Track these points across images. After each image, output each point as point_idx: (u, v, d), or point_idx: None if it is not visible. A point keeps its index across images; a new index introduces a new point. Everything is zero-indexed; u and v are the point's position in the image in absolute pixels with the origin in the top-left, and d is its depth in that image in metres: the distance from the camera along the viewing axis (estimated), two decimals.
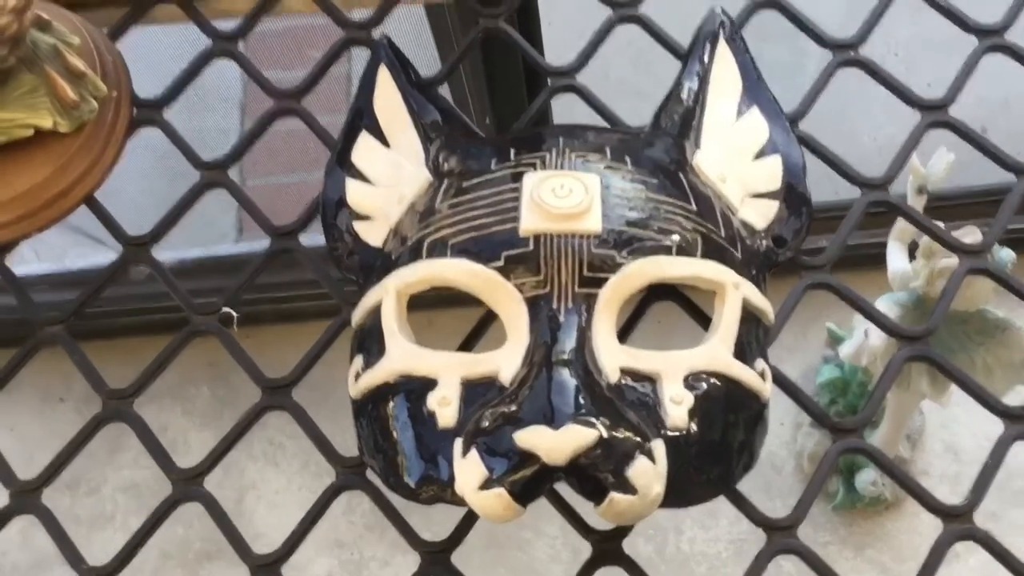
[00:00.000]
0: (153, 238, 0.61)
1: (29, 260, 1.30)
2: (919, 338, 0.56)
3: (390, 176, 0.58)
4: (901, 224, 1.00)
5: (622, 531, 0.52)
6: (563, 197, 0.49)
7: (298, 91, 0.65)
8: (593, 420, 0.43)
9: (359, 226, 0.58)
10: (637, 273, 0.49)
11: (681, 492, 0.47)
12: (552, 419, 0.43)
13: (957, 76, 0.63)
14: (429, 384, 0.48)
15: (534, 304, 0.48)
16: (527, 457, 0.43)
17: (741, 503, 0.52)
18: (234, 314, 0.59)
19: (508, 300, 0.48)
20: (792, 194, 0.58)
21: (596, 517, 0.52)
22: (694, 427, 0.47)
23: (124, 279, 1.16)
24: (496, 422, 0.44)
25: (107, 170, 0.63)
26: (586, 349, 0.47)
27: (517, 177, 0.52)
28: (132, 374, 0.57)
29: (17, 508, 0.55)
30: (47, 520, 0.54)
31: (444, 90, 0.65)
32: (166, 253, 1.23)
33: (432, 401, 0.48)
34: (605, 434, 0.43)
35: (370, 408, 0.50)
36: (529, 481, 0.43)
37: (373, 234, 0.57)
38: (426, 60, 0.83)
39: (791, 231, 0.57)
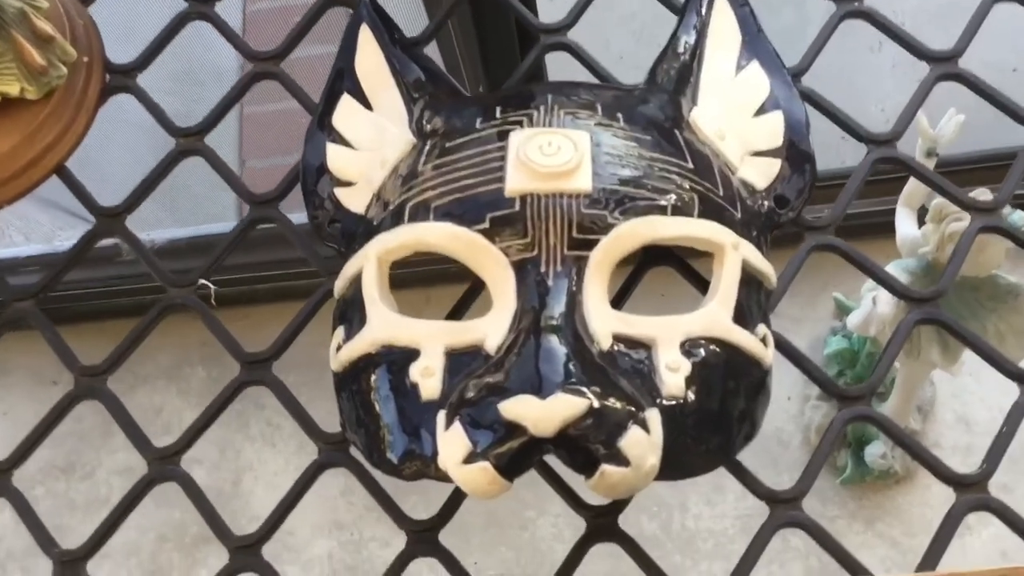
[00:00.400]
0: (127, 208, 0.59)
1: (19, 242, 1.28)
2: (929, 300, 0.53)
3: (373, 139, 0.55)
4: (910, 188, 0.97)
5: (618, 506, 0.49)
6: (551, 155, 0.47)
7: (277, 54, 0.62)
8: (583, 389, 0.41)
9: (341, 192, 0.55)
10: (630, 234, 0.46)
11: (678, 463, 0.44)
12: (540, 388, 0.41)
13: (966, 28, 0.60)
14: (412, 354, 0.46)
15: (521, 268, 0.45)
16: (513, 428, 0.40)
17: (743, 475, 0.50)
18: (211, 286, 0.56)
19: (493, 264, 0.46)
20: (794, 152, 0.55)
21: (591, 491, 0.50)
22: (691, 395, 0.44)
23: (117, 258, 1.16)
24: (481, 392, 0.42)
25: (79, 138, 0.60)
26: (576, 314, 0.44)
27: (503, 135, 0.49)
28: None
29: None
30: (17, 502, 0.52)
31: (434, 55, 0.62)
32: (159, 232, 1.21)
33: (415, 372, 0.45)
34: (596, 403, 0.40)
35: (351, 381, 0.48)
36: (516, 454, 0.41)
37: (355, 200, 0.54)
38: (418, 21, 0.80)
39: (794, 190, 0.54)
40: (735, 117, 0.55)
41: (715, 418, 0.45)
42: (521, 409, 0.40)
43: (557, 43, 0.61)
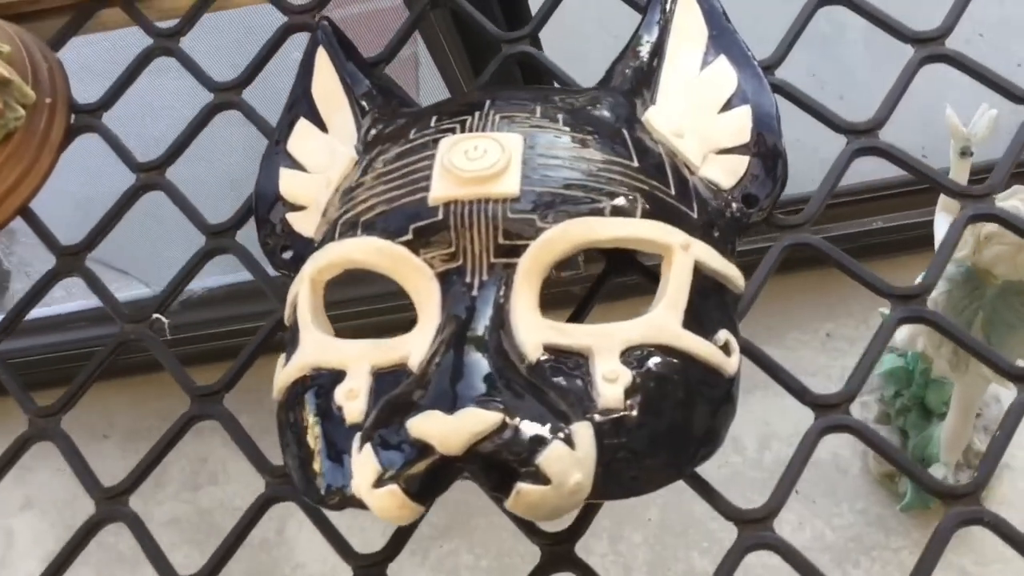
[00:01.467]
0: (87, 246, 0.58)
1: (62, 299, 1.30)
2: (914, 296, 0.49)
3: (324, 162, 0.54)
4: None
5: (576, 531, 0.46)
6: (476, 159, 0.44)
7: (237, 83, 0.61)
8: (497, 402, 0.38)
9: (292, 217, 0.54)
10: (560, 237, 0.43)
11: (620, 480, 0.41)
12: (452, 404, 0.38)
13: (951, 8, 0.56)
14: (339, 376, 0.43)
15: (446, 279, 0.43)
16: (423, 448, 0.37)
17: (709, 494, 0.46)
18: (164, 320, 0.55)
19: (417, 276, 0.43)
20: (763, 147, 0.51)
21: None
22: (632, 407, 0.41)
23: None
24: (392, 412, 0.39)
25: (42, 178, 0.60)
26: (503, 326, 0.41)
27: (434, 144, 0.47)
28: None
29: None
30: None
31: (435, 76, 0.61)
32: (197, 283, 1.22)
33: (339, 394, 0.43)
34: (510, 417, 0.37)
35: (286, 408, 0.46)
36: (427, 476, 0.38)
37: (306, 224, 0.53)
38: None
39: (763, 188, 0.51)
40: (698, 115, 0.52)
41: (663, 431, 0.42)
42: (428, 426, 0.37)
43: (517, 53, 0.58)
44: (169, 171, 0.59)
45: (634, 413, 0.41)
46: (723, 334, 0.45)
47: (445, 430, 0.37)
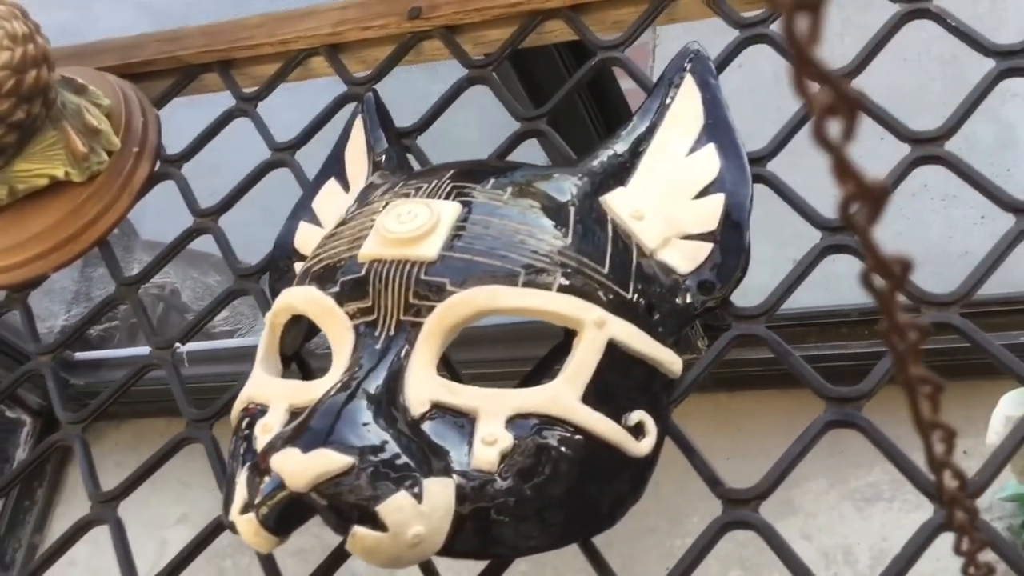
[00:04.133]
0: (143, 278, 0.65)
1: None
2: (848, 400, 0.47)
3: (336, 217, 0.59)
4: None
5: None
6: (405, 223, 0.47)
7: (291, 144, 0.67)
8: (352, 447, 0.40)
9: (298, 266, 0.59)
10: (463, 302, 0.45)
11: (482, 540, 0.42)
12: (310, 444, 0.41)
13: None
14: (263, 411, 0.47)
15: (360, 331, 0.46)
16: (278, 484, 0.41)
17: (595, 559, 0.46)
18: (184, 350, 0.61)
19: (338, 326, 0.47)
20: (728, 237, 0.52)
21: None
22: (506, 472, 0.42)
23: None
24: (271, 447, 0.43)
25: (120, 216, 0.68)
26: (398, 380, 0.44)
27: (385, 207, 0.50)
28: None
29: None
30: None
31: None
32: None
33: (258, 428, 0.47)
34: (360, 463, 0.40)
35: (233, 433, 0.50)
36: (284, 509, 0.41)
37: None
38: None
39: (722, 277, 0.51)
40: (672, 198, 0.53)
41: (534, 499, 0.43)
42: (281, 462, 0.41)
43: (531, 130, 0.61)
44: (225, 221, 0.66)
45: (505, 477, 0.42)
46: (637, 414, 0.46)
47: (294, 467, 0.40)
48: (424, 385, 0.44)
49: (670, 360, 0.48)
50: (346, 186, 0.61)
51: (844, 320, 1.12)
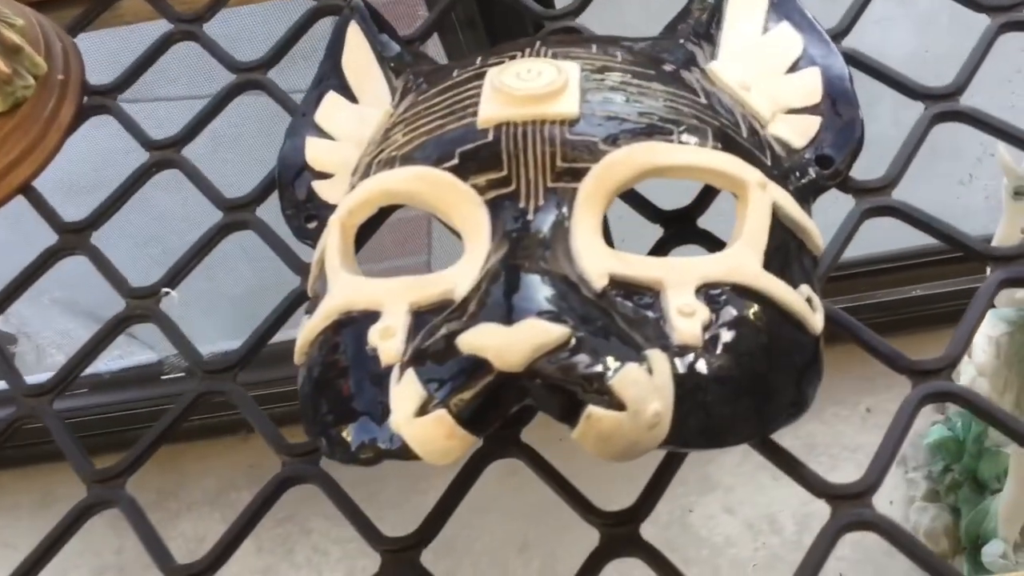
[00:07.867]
0: (91, 224, 0.53)
1: (59, 363, 1.24)
2: (937, 371, 0.43)
3: (354, 129, 0.49)
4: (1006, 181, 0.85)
5: (637, 512, 0.40)
6: (529, 80, 0.40)
7: (261, 63, 0.57)
8: (564, 316, 0.32)
9: (319, 185, 0.49)
10: (624, 161, 0.38)
11: (697, 426, 0.35)
12: (509, 317, 0.32)
13: None
14: (373, 317, 0.38)
15: (496, 206, 0.38)
16: (476, 368, 0.32)
17: (795, 468, 0.39)
18: (174, 294, 0.50)
19: (464, 204, 0.38)
20: (837, 109, 0.47)
21: (606, 496, 0.40)
22: (712, 345, 0.35)
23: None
24: (437, 336, 0.34)
25: (48, 156, 0.56)
26: (562, 254, 0.36)
27: (480, 76, 0.42)
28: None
29: None
30: None
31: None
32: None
33: (373, 335, 0.37)
34: (577, 331, 0.32)
35: (311, 366, 0.40)
36: (483, 399, 0.32)
37: (334, 192, 0.48)
38: None
39: (839, 150, 0.46)
40: (764, 75, 0.48)
41: (744, 378, 0.36)
42: (483, 339, 0.32)
43: (564, 28, 0.55)
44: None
45: (714, 352, 0.35)
46: (806, 289, 0.40)
47: (503, 343, 0.31)
48: (598, 256, 0.36)
49: (816, 232, 0.43)
50: (351, 98, 0.52)
51: None
